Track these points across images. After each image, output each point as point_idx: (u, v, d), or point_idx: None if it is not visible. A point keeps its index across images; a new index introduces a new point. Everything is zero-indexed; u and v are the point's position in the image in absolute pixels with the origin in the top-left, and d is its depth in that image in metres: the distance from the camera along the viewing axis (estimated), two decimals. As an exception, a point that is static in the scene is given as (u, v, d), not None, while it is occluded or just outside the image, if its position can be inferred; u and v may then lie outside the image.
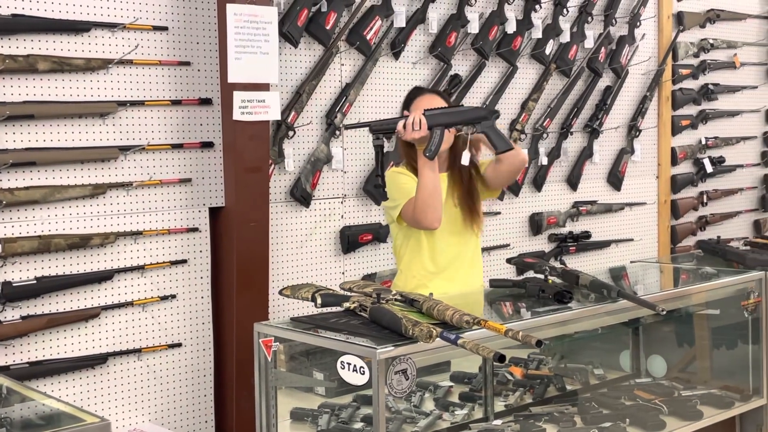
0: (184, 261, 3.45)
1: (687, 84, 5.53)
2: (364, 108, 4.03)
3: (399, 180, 2.98)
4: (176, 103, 3.42)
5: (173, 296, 3.43)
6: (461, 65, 4.37)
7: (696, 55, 5.55)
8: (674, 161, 5.47)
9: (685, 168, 5.58)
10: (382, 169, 2.81)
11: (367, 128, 2.87)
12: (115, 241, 3.27)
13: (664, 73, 5.30)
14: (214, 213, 3.54)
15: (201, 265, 3.50)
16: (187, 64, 3.45)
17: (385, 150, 2.86)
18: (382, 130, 2.85)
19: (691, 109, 5.57)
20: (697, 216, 5.66)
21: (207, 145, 3.50)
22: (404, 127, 2.83)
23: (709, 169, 5.60)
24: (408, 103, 3.07)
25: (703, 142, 5.62)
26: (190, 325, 3.48)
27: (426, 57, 4.24)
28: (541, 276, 2.92)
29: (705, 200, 5.63)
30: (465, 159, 2.89)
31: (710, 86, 5.60)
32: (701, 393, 3.37)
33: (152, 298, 3.38)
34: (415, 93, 3.08)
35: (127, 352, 3.32)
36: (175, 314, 3.45)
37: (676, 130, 5.47)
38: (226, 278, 3.49)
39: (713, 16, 5.56)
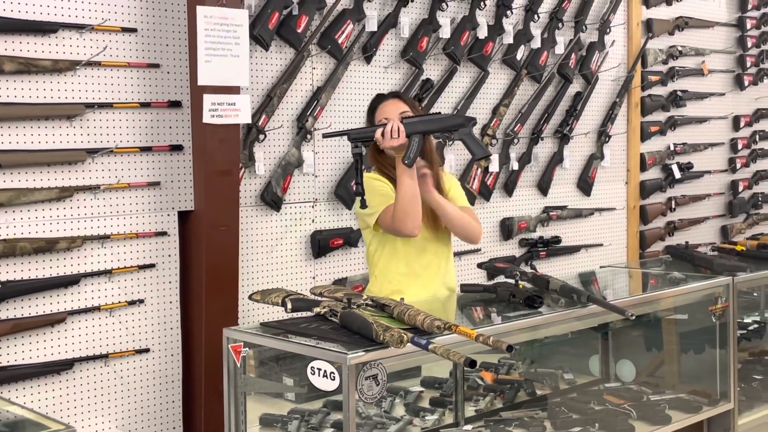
0: (152, 265, 3.43)
1: (656, 90, 5.58)
2: (335, 112, 4.02)
3: (374, 186, 2.98)
4: (145, 105, 3.39)
5: (141, 301, 3.40)
6: (433, 70, 4.38)
7: (665, 62, 5.61)
8: (643, 167, 5.52)
9: (653, 174, 5.63)
10: (362, 177, 2.80)
11: (346, 137, 2.87)
12: (82, 245, 3.23)
13: (634, 80, 5.34)
14: (183, 217, 3.52)
15: (169, 270, 3.47)
16: (157, 66, 3.42)
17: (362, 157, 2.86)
18: (360, 138, 2.86)
19: (659, 116, 5.63)
20: (666, 221, 5.71)
21: (176, 148, 3.48)
22: (383, 135, 2.84)
23: (677, 175, 5.65)
24: (372, 111, 3.07)
25: (672, 148, 5.68)
26: (158, 330, 3.45)
27: (398, 61, 4.24)
28: (512, 281, 2.93)
29: (673, 206, 5.69)
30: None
31: (679, 93, 5.66)
32: (669, 397, 3.40)
33: (119, 303, 3.35)
34: (377, 100, 3.09)
35: (94, 358, 3.29)
36: (143, 319, 3.42)
37: (645, 136, 5.51)
38: (195, 283, 3.47)
39: (682, 24, 5.63)
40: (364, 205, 2.83)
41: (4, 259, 3.09)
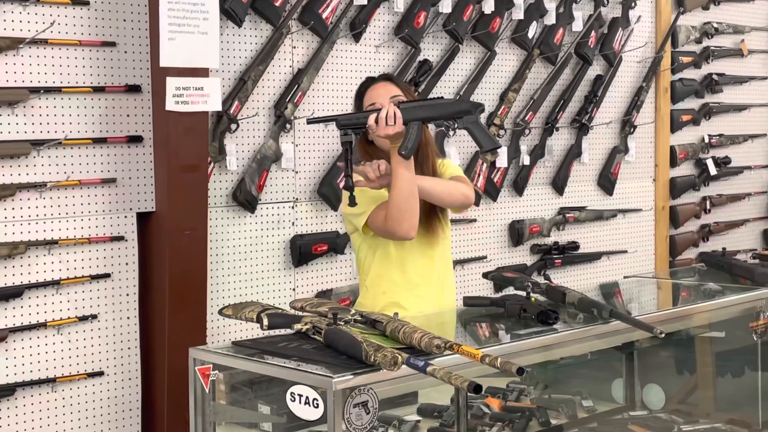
0: (107, 275, 3.42)
1: (688, 74, 5.60)
2: (319, 98, 4.02)
3: (362, 190, 2.98)
4: (99, 90, 3.38)
5: (94, 316, 3.40)
6: (431, 50, 4.39)
7: (698, 41, 5.63)
8: (673, 162, 5.54)
9: (685, 170, 5.65)
10: (352, 169, 2.80)
11: (334, 123, 2.87)
12: (25, 251, 3.23)
13: (663, 61, 5.36)
14: (143, 219, 3.52)
15: (127, 280, 3.47)
16: (112, 44, 3.42)
17: (354, 147, 2.86)
18: (351, 125, 2.86)
19: (692, 103, 5.65)
20: (700, 225, 5.73)
21: (135, 139, 3.47)
22: (377, 121, 2.84)
23: (712, 171, 5.67)
24: (360, 96, 3.07)
25: (707, 140, 5.70)
26: (113, 350, 3.44)
27: (391, 40, 4.24)
28: (523, 293, 2.93)
29: (708, 207, 5.71)
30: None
31: (714, 76, 5.68)
32: (704, 428, 3.40)
33: (69, 318, 3.34)
34: (366, 84, 3.09)
35: (39, 382, 3.28)
36: (96, 338, 3.41)
37: (675, 126, 5.53)
38: (157, 295, 3.47)
39: (718, -3, 5.66)
40: (353, 203, 2.83)
41: (-66, 268, 3.08)
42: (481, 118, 3.96)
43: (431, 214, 3.03)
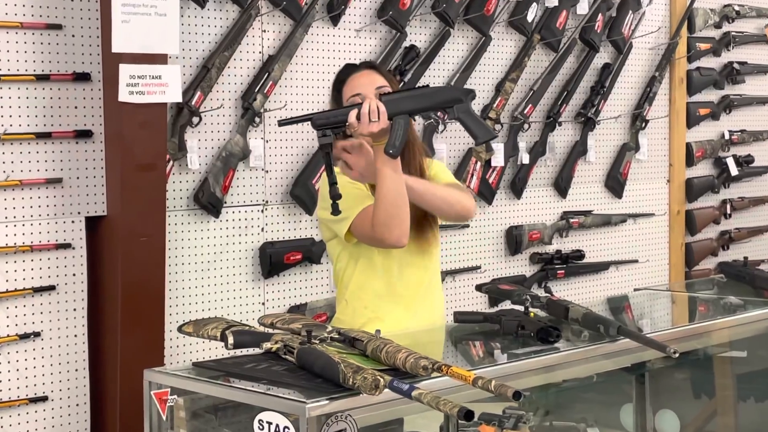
0: (51, 288, 3.41)
1: (706, 62, 5.63)
2: (292, 88, 4.02)
3: (343, 185, 2.97)
4: (43, 78, 3.38)
5: (37, 334, 3.38)
6: (419, 34, 4.40)
7: (717, 26, 5.66)
8: (690, 161, 5.56)
9: (703, 169, 5.68)
10: (333, 174, 2.79)
11: (309, 122, 2.85)
12: (-42, 260, 3.22)
13: (678, 49, 5.39)
14: (93, 224, 3.51)
15: (74, 293, 3.46)
16: (58, 27, 3.41)
17: (333, 148, 2.85)
18: (329, 124, 2.84)
19: (711, 95, 5.68)
20: (719, 231, 5.76)
21: (83, 134, 3.46)
22: (358, 118, 2.83)
23: (733, 171, 5.70)
24: (338, 86, 3.06)
25: (727, 136, 5.73)
26: (59, 372, 3.43)
27: (373, 23, 4.25)
28: (521, 308, 2.94)
29: (728, 211, 5.73)
30: None
31: (735, 65, 5.71)
32: (724, 458, 3.41)
33: (9, 336, 3.33)
34: (345, 72, 3.08)
35: (-26, 409, 3.27)
36: (40, 358, 3.40)
37: (692, 120, 5.56)
38: (108, 310, 3.46)
39: (739, -23, 5.70)
40: (337, 212, 2.82)
41: None
42: (476, 113, 3.97)
43: (423, 218, 3.04)
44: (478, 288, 3.43)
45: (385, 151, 2.81)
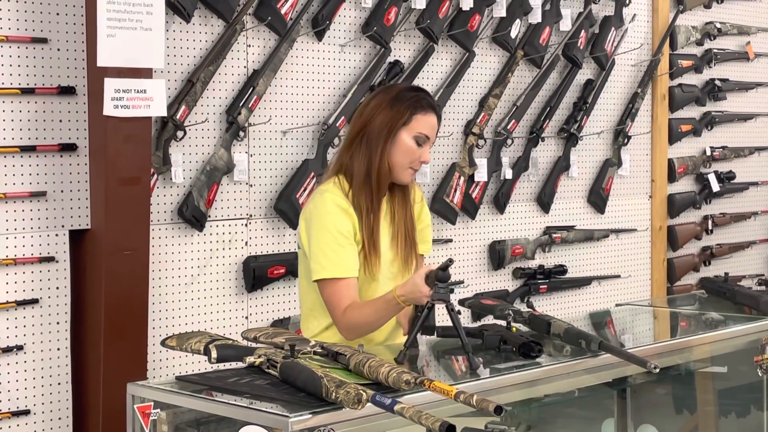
0: (34, 301, 3.40)
1: (688, 79, 5.66)
2: (276, 102, 4.03)
3: (328, 221, 2.88)
4: (27, 92, 3.38)
5: (19, 348, 3.37)
6: (403, 50, 4.41)
7: (699, 43, 5.69)
8: (672, 177, 5.59)
9: (685, 185, 5.71)
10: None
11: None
12: (-59, 273, 3.21)
13: (660, 65, 5.42)
14: (77, 238, 3.50)
15: (57, 307, 3.45)
16: (44, 41, 3.41)
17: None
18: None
19: (693, 111, 5.71)
20: (700, 247, 5.78)
21: (68, 147, 3.46)
22: (429, 282, 2.76)
23: (715, 187, 5.72)
24: (415, 107, 2.95)
25: (708, 152, 5.75)
26: (41, 386, 3.42)
27: (358, 38, 4.26)
28: (503, 322, 2.95)
29: (710, 227, 5.75)
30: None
31: (717, 82, 5.74)
32: (704, 473, 3.42)
33: (-9, 349, 3.32)
34: (427, 101, 2.99)
35: (-44, 422, 3.26)
36: (22, 371, 3.38)
37: (674, 137, 5.59)
38: (91, 324, 3.45)
39: (721, -6, 5.73)
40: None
41: None
42: (457, 126, 3.97)
43: (411, 246, 3.05)
44: (461, 302, 3.43)
45: (416, 310, 2.81)
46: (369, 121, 2.95)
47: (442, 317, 4.51)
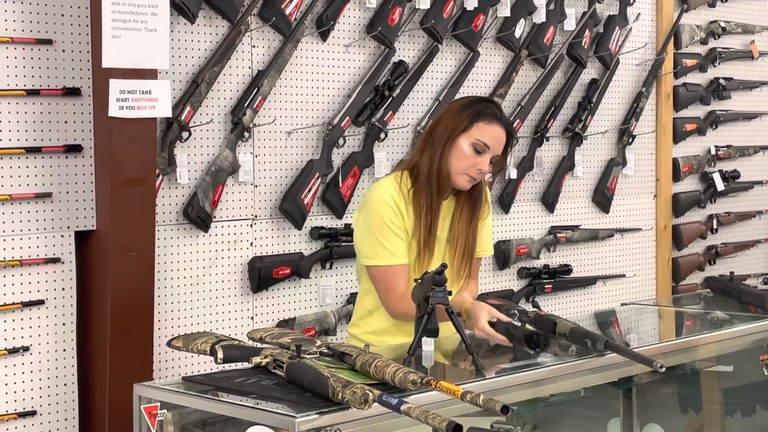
0: (40, 302, 3.41)
1: (693, 78, 5.66)
2: (281, 103, 4.03)
3: (382, 222, 2.97)
4: (33, 93, 3.38)
5: (26, 348, 3.38)
6: (407, 50, 4.41)
7: (704, 42, 5.69)
8: (676, 176, 5.58)
9: (690, 185, 5.70)
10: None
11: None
12: (-52, 275, 3.22)
13: (664, 64, 5.42)
14: (82, 239, 3.51)
15: (63, 308, 3.45)
16: (48, 42, 3.41)
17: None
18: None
19: (697, 110, 5.70)
20: (705, 246, 5.77)
21: (73, 149, 3.47)
22: (492, 325, 2.90)
23: (720, 186, 5.72)
24: (477, 115, 2.99)
25: (713, 152, 5.75)
26: (48, 386, 3.43)
27: (362, 39, 4.26)
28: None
29: (715, 226, 5.75)
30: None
31: (722, 81, 5.74)
32: (711, 472, 3.42)
33: (-3, 351, 3.33)
34: (493, 111, 3.02)
35: (-37, 424, 3.27)
36: (29, 372, 3.39)
37: (678, 136, 5.58)
38: (97, 325, 3.45)
39: (725, -7, 5.72)
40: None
41: None
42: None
43: (463, 252, 3.13)
44: (467, 303, 3.44)
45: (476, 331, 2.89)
46: (438, 124, 3.05)
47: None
